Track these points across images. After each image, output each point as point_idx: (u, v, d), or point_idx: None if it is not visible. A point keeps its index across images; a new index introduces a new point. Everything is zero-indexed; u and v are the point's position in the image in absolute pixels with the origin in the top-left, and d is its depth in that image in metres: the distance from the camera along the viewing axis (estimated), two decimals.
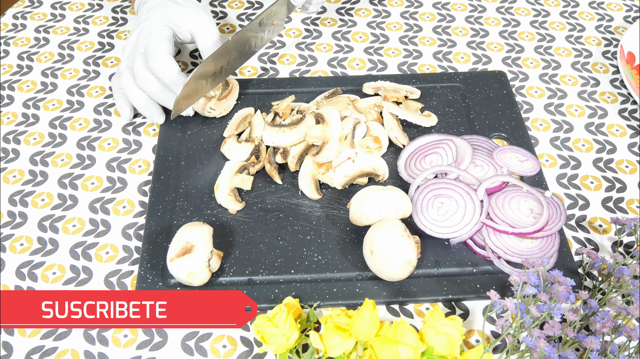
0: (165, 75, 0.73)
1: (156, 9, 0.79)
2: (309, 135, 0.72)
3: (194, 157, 0.75)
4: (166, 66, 0.73)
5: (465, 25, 0.96)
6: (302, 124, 0.73)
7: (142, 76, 0.74)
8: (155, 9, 0.80)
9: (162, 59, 0.73)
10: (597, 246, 0.68)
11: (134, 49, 0.77)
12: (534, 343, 0.51)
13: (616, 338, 0.56)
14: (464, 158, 0.72)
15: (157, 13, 0.79)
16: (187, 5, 0.80)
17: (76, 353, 0.60)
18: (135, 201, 0.72)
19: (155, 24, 0.77)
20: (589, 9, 0.99)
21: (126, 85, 0.76)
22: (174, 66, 0.74)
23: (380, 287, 0.63)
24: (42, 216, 0.71)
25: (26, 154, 0.77)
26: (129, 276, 0.65)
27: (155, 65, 0.73)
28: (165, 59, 0.74)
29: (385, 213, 0.65)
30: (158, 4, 0.81)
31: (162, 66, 0.73)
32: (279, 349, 0.56)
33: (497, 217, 0.67)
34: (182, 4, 0.80)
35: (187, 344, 0.60)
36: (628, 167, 0.76)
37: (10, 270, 0.66)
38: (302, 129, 0.73)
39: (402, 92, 0.81)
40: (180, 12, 0.79)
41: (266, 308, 0.62)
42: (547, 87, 0.86)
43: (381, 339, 0.55)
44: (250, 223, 0.69)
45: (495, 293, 0.55)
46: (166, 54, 0.74)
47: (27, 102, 0.84)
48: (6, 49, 0.92)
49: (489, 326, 0.61)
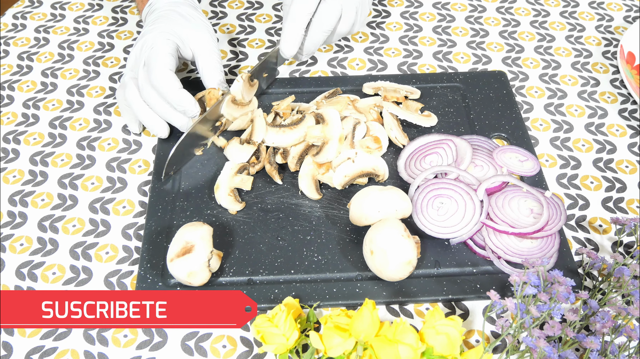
0: (166, 91, 0.71)
1: (161, 21, 0.77)
2: (309, 135, 0.72)
3: (194, 157, 0.75)
4: (167, 82, 0.71)
5: (465, 25, 0.96)
6: (302, 124, 0.73)
7: (145, 91, 0.73)
8: (160, 20, 0.77)
9: (163, 75, 0.71)
10: (597, 246, 0.68)
11: (137, 61, 0.75)
12: (534, 343, 0.51)
13: (616, 338, 0.56)
14: (464, 158, 0.72)
15: (161, 25, 0.76)
16: (192, 20, 0.78)
17: (76, 353, 0.60)
18: (135, 201, 0.72)
19: (158, 37, 0.75)
20: (589, 9, 0.99)
21: (131, 98, 0.74)
22: (175, 82, 0.72)
23: (380, 287, 0.63)
24: (42, 216, 0.71)
25: (26, 154, 0.77)
26: (129, 276, 0.65)
27: (156, 81, 0.72)
28: (166, 74, 0.72)
29: (385, 213, 0.65)
30: (164, 14, 0.78)
31: (163, 82, 0.71)
32: (279, 349, 0.56)
33: (497, 217, 0.67)
34: (188, 18, 0.78)
35: (187, 344, 0.60)
36: (628, 167, 0.76)
37: (10, 270, 0.66)
38: (303, 129, 0.72)
39: (402, 92, 0.81)
40: (185, 27, 0.77)
41: (266, 308, 0.62)
42: (547, 87, 0.86)
43: (381, 340, 0.55)
44: (250, 223, 0.69)
45: (495, 293, 0.55)
46: (167, 70, 0.72)
47: (27, 102, 0.84)
48: (6, 49, 0.92)
49: (489, 326, 0.61)
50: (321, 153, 0.71)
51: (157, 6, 0.80)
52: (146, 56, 0.74)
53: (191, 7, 0.80)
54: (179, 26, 0.76)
